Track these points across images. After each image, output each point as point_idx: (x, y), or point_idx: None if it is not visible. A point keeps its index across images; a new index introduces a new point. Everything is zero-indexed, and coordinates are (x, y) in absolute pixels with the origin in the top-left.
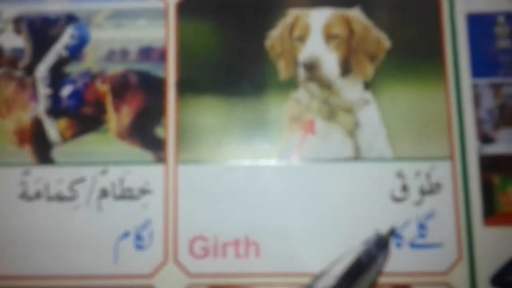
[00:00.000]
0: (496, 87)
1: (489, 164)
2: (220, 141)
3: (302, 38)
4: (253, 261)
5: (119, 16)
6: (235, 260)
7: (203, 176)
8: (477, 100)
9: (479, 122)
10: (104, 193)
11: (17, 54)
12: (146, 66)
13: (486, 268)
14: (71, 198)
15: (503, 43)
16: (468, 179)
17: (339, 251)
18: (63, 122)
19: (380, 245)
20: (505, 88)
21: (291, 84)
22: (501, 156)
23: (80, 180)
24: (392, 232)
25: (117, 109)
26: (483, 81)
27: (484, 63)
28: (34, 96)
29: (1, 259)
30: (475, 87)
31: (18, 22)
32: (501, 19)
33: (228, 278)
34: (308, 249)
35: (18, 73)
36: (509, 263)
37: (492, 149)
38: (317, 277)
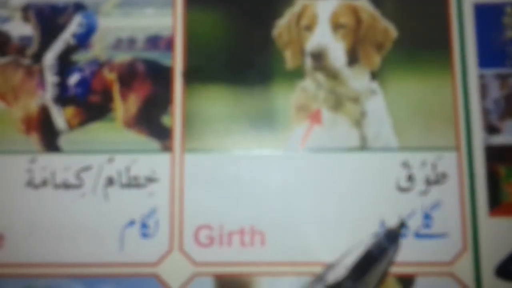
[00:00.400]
0: (503, 78)
1: (495, 155)
2: (227, 130)
3: (309, 27)
4: (259, 250)
5: (127, 5)
6: (241, 249)
7: (209, 165)
8: (483, 90)
9: (485, 112)
10: (110, 181)
11: (25, 42)
12: (154, 55)
13: (491, 259)
14: (77, 186)
15: (510, 34)
16: (473, 170)
17: (344, 240)
18: (70, 110)
19: (390, 238)
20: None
21: (298, 73)
22: (507, 146)
23: (87, 168)
24: (402, 225)
25: (124, 97)
26: (490, 72)
27: (491, 53)
28: (41, 84)
29: (8, 246)
30: (481, 77)
31: (26, 10)
32: (509, 9)
33: (233, 267)
34: (314, 238)
35: (26, 61)
36: None
37: (498, 140)
38: (328, 268)
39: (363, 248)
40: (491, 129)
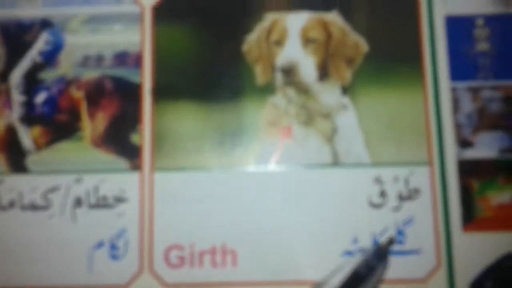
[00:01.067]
0: (475, 91)
1: (468, 169)
2: (197, 147)
3: (279, 42)
4: (230, 270)
5: (94, 21)
6: (212, 269)
7: (179, 183)
8: (456, 104)
9: (458, 126)
10: (78, 202)
11: None
12: (122, 72)
13: (465, 275)
14: (45, 207)
15: (482, 46)
16: (446, 184)
17: (317, 258)
18: (37, 130)
19: (378, 256)
20: (484, 91)
21: (268, 89)
22: (480, 160)
23: (54, 189)
24: (391, 242)
25: (92, 116)
26: (462, 85)
27: (463, 66)
28: (8, 103)
29: None
30: (454, 90)
31: None
32: (480, 21)
33: None
34: (286, 256)
35: None
36: (488, 270)
37: (471, 154)
38: (315, 287)
39: (350, 267)
40: (463, 143)
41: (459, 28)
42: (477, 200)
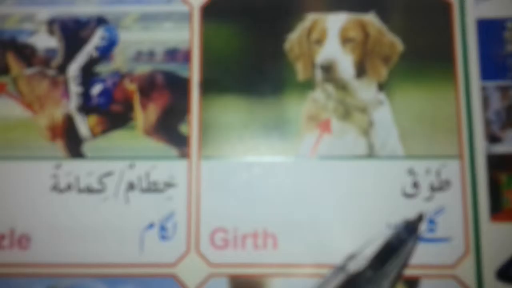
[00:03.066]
0: (504, 90)
1: (496, 163)
2: (241, 138)
3: (319, 41)
4: (271, 252)
5: (146, 19)
6: (254, 251)
7: (224, 171)
8: (485, 102)
9: (487, 122)
10: (131, 186)
11: (50, 54)
12: (172, 67)
13: (492, 262)
14: (100, 191)
15: (511, 48)
16: (476, 177)
17: (352, 244)
18: (93, 119)
19: (409, 230)
20: None
21: (309, 84)
22: (508, 155)
23: (109, 174)
24: (421, 218)
25: (144, 107)
26: (492, 84)
27: (492, 66)
28: (66, 93)
29: (34, 248)
30: (483, 89)
31: (51, 24)
32: (510, 24)
33: (247, 268)
34: (323, 241)
35: (51, 72)
36: None
37: (499, 149)
38: (349, 258)
39: (383, 239)
40: (492, 139)
41: (489, 30)
42: (504, 192)
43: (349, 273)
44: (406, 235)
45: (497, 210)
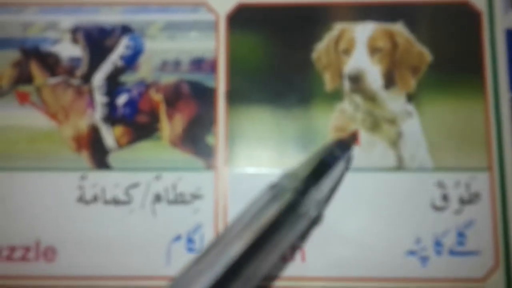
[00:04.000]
0: None
1: None
2: (268, 149)
3: (347, 51)
4: (299, 265)
5: (172, 28)
6: (282, 264)
7: (250, 182)
8: None
9: None
10: (157, 198)
11: (74, 63)
12: (198, 77)
13: None
14: (126, 202)
15: None
16: (505, 189)
17: (381, 256)
18: (119, 129)
19: (342, 147)
20: None
21: (337, 95)
22: None
23: (135, 185)
24: (354, 136)
25: (170, 117)
26: None
27: None
28: (91, 103)
29: (60, 260)
30: None
31: (75, 32)
32: None
33: (274, 281)
34: (351, 254)
35: (76, 81)
36: None
37: None
38: (284, 175)
39: (317, 157)
40: None
41: None
42: None
43: (282, 190)
44: (339, 153)
45: None
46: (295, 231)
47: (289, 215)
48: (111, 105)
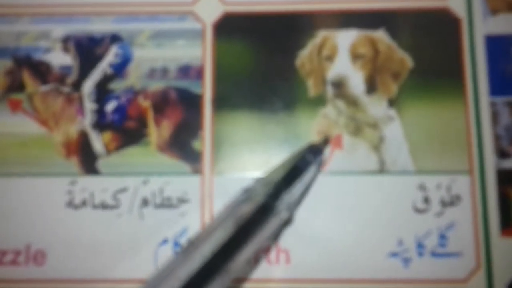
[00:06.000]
0: None
1: (506, 178)
2: (253, 153)
3: (330, 58)
4: (284, 267)
5: (160, 37)
6: (267, 266)
7: (236, 186)
8: (494, 117)
9: (497, 138)
10: (145, 202)
11: (65, 71)
12: (185, 84)
13: (503, 276)
14: (114, 207)
15: None
16: (486, 192)
17: (364, 258)
18: (108, 135)
19: (314, 152)
20: None
21: (320, 100)
22: None
23: (123, 190)
24: (326, 141)
25: (157, 123)
26: (501, 99)
27: (501, 82)
28: (80, 110)
29: (50, 263)
30: (493, 105)
31: (66, 41)
32: None
33: (257, 284)
34: (335, 256)
35: (66, 89)
36: None
37: (509, 164)
38: (258, 180)
39: (289, 162)
40: (502, 154)
41: (498, 46)
42: None
43: (254, 194)
44: (311, 157)
45: (507, 225)
46: (266, 233)
47: (260, 218)
48: (100, 112)
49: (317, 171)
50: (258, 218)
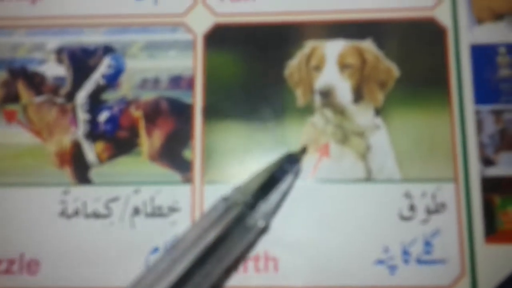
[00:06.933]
0: (497, 114)
1: (490, 186)
2: (243, 162)
3: (318, 68)
4: (272, 275)
5: (151, 48)
6: (255, 274)
7: None
8: (479, 125)
9: (482, 146)
10: (136, 211)
11: (59, 82)
12: (176, 94)
13: (487, 283)
14: (106, 216)
15: (504, 72)
16: (470, 200)
17: (351, 265)
18: (100, 145)
19: (291, 161)
20: (505, 114)
21: (308, 110)
22: (502, 178)
23: (115, 199)
24: (304, 150)
25: (149, 133)
26: (486, 108)
27: (486, 90)
28: (74, 121)
29: (43, 272)
30: (478, 113)
31: (60, 53)
32: (503, 49)
33: None
34: (322, 263)
35: (60, 100)
36: (508, 279)
37: (493, 172)
38: (235, 190)
39: (267, 171)
40: (486, 162)
41: (483, 55)
42: (499, 214)
43: (232, 203)
44: (288, 167)
45: (492, 232)
46: (244, 241)
47: (238, 227)
48: (93, 122)
49: (294, 180)
50: (236, 227)
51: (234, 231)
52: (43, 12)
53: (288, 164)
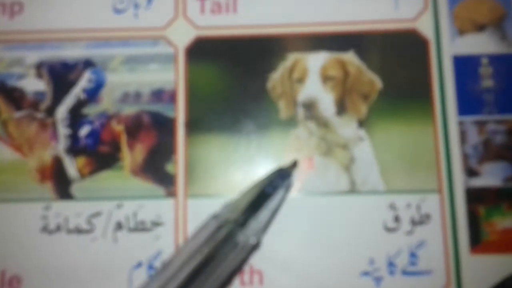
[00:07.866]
0: (480, 124)
1: (474, 196)
2: (226, 176)
3: (300, 80)
4: None
5: (132, 61)
6: (241, 287)
7: (210, 208)
8: (463, 136)
9: (465, 157)
10: (119, 226)
11: (38, 97)
12: (158, 107)
13: None
14: (88, 231)
15: (487, 83)
16: (455, 210)
17: (336, 277)
18: (82, 160)
19: (282, 176)
20: (489, 125)
21: (291, 122)
22: (486, 188)
23: (97, 214)
24: (295, 164)
25: (131, 147)
26: (469, 119)
27: (469, 101)
28: (54, 135)
29: None
30: (461, 124)
31: (40, 67)
32: (485, 60)
33: None
34: (307, 275)
35: (40, 115)
36: None
37: (477, 182)
38: (225, 206)
39: (257, 187)
40: (470, 172)
41: (465, 66)
42: (483, 225)
43: (223, 221)
44: (279, 182)
45: (476, 242)
46: (236, 259)
47: (229, 245)
48: (74, 137)
49: (285, 195)
50: (227, 245)
51: (226, 249)
52: (22, 27)
53: (279, 179)
